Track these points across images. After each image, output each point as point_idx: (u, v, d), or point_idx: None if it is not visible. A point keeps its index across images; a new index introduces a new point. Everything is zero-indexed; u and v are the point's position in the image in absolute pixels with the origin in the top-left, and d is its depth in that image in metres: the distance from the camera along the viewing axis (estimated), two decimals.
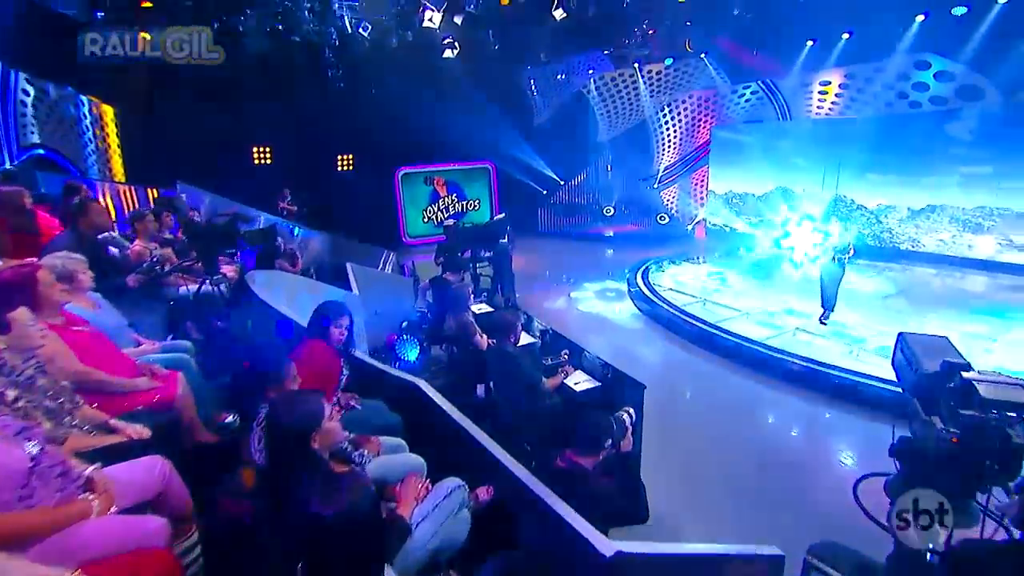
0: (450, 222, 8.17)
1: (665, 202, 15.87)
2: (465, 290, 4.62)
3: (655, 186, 15.64)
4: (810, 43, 11.57)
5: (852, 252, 6.95)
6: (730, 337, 6.86)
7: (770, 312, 7.96)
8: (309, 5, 11.21)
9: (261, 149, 12.89)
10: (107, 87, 9.28)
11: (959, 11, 9.57)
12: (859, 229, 10.61)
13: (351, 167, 14.43)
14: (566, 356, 4.15)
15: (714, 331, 7.12)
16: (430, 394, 2.98)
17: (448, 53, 12.89)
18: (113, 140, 9.71)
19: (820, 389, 5.66)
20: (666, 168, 15.56)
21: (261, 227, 5.99)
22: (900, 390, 5.06)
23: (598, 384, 3.75)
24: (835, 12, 10.66)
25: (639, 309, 8.61)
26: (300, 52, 11.73)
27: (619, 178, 16.09)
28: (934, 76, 10.50)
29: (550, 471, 2.23)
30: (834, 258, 6.95)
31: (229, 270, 4.87)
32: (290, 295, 4.64)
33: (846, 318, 7.48)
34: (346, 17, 11.69)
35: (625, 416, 2.60)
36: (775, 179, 13.73)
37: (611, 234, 15.56)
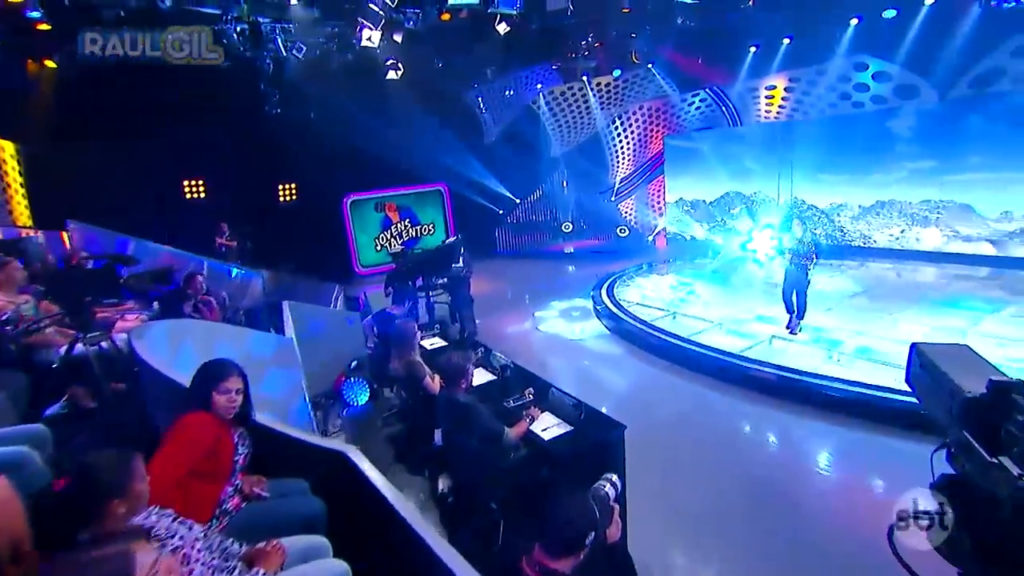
0: (399, 248, 7.48)
1: (624, 214, 15.69)
2: (411, 326, 4.02)
3: (612, 199, 15.45)
4: (753, 49, 11.66)
5: (816, 259, 6.68)
6: (705, 351, 6.45)
7: (740, 319, 7.65)
8: (239, 28, 10.54)
9: (193, 182, 11.95)
10: (4, 120, 8.31)
11: (889, 14, 9.80)
12: (813, 231, 10.60)
13: (294, 197, 13.63)
14: (531, 395, 3.58)
15: (688, 346, 6.71)
16: (362, 467, 2.34)
17: (392, 75, 12.39)
18: (14, 180, 8.68)
19: (809, 402, 5.27)
20: (622, 180, 15.41)
21: (153, 268, 5.17)
22: (900, 398, 4.80)
23: (570, 429, 3.19)
24: (775, 19, 10.76)
25: (607, 327, 8.16)
26: (231, 77, 10.99)
27: (576, 193, 15.85)
28: (872, 77, 10.71)
29: None
30: (793, 262, 6.64)
31: (130, 321, 4.10)
32: (205, 348, 3.91)
33: (818, 320, 7.25)
34: (279, 39, 11.06)
35: (608, 489, 2.04)
36: (730, 184, 13.75)
37: (571, 250, 15.24)
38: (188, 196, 11.92)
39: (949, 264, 10.57)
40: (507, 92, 13.94)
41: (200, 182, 12.03)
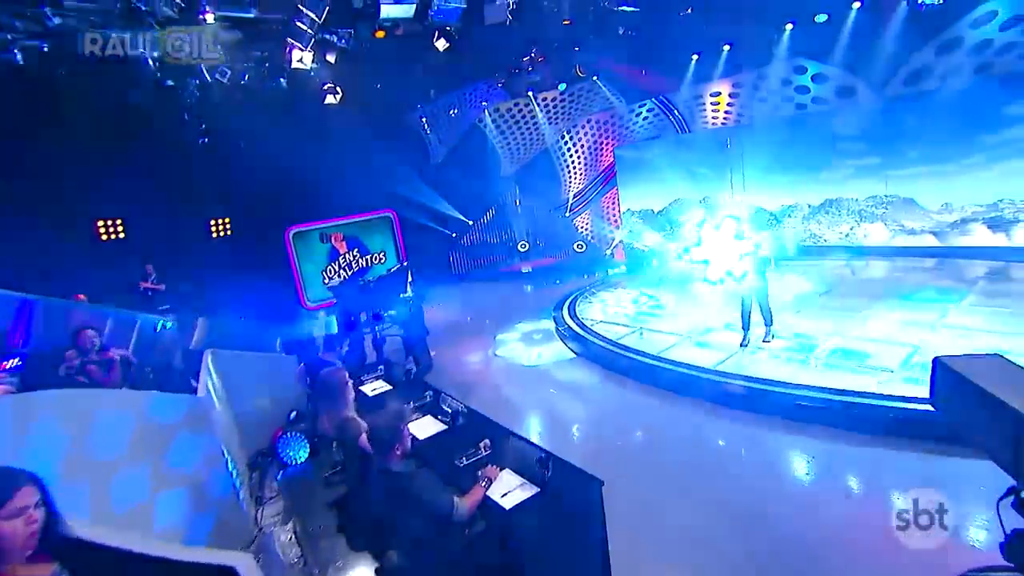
0: (335, 281, 6.70)
1: (580, 229, 15.41)
2: (338, 376, 3.35)
3: (567, 215, 15.16)
4: (695, 57, 11.68)
5: (771, 261, 6.39)
6: (680, 368, 6.02)
7: (709, 328, 7.30)
8: (156, 54, 9.75)
9: (109, 223, 10.86)
10: None
11: (820, 18, 9.99)
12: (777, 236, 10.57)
13: (229, 232, 12.67)
14: (487, 449, 2.99)
15: (659, 364, 6.27)
16: None
17: (330, 100, 11.79)
18: None
19: (789, 414, 4.87)
20: (575, 195, 15.17)
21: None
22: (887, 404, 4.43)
23: (536, 491, 2.61)
24: (714, 26, 10.80)
25: (571, 350, 7.66)
26: (151, 106, 10.13)
27: (530, 211, 15.50)
28: (812, 79, 10.85)
29: None
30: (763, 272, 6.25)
31: None
32: (77, 424, 3.15)
33: (790, 323, 6.99)
34: (203, 65, 10.30)
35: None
36: (684, 191, 13.69)
37: (529, 270, 14.81)
38: (104, 238, 10.82)
39: (898, 257, 10.70)
40: (451, 111, 13.54)
41: (118, 221, 10.95)
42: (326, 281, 13.90)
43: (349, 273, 14.22)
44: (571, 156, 14.69)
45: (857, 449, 4.28)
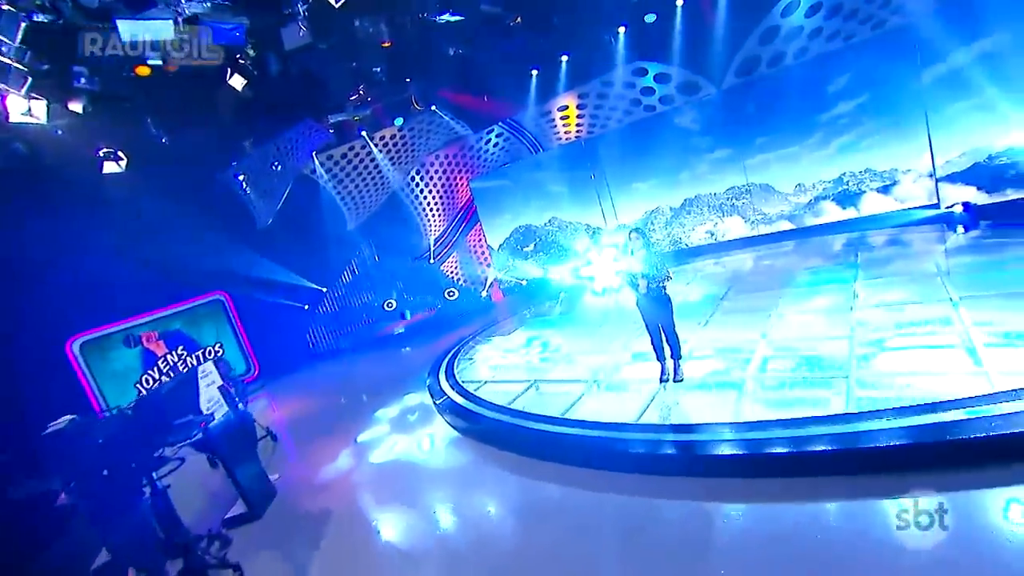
0: (61, 422, 4.12)
1: (449, 275, 13.82)
2: None
3: (432, 261, 13.50)
4: (535, 73, 10.91)
5: (670, 276, 5.03)
6: (595, 432, 4.46)
7: (616, 365, 5.95)
8: None
9: None
10: None
11: (650, 18, 9.71)
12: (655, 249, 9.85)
13: None
14: None
15: (568, 429, 4.67)
16: None
17: (112, 167, 9.19)
18: None
19: (783, 471, 3.49)
20: (437, 239, 13.60)
21: None
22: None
23: None
24: (547, 38, 10.10)
25: (455, 427, 5.80)
26: None
27: (391, 265, 13.63)
28: (654, 79, 10.55)
29: None
30: (648, 292, 4.85)
31: None
32: None
33: (707, 338, 5.88)
34: None
35: None
36: (548, 213, 12.78)
37: (402, 330, 12.85)
38: None
39: (760, 246, 10.67)
40: (273, 165, 11.38)
41: None
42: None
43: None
44: (425, 198, 13.18)
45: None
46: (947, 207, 8.37)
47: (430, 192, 13.11)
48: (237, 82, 8.16)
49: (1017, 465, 2.83)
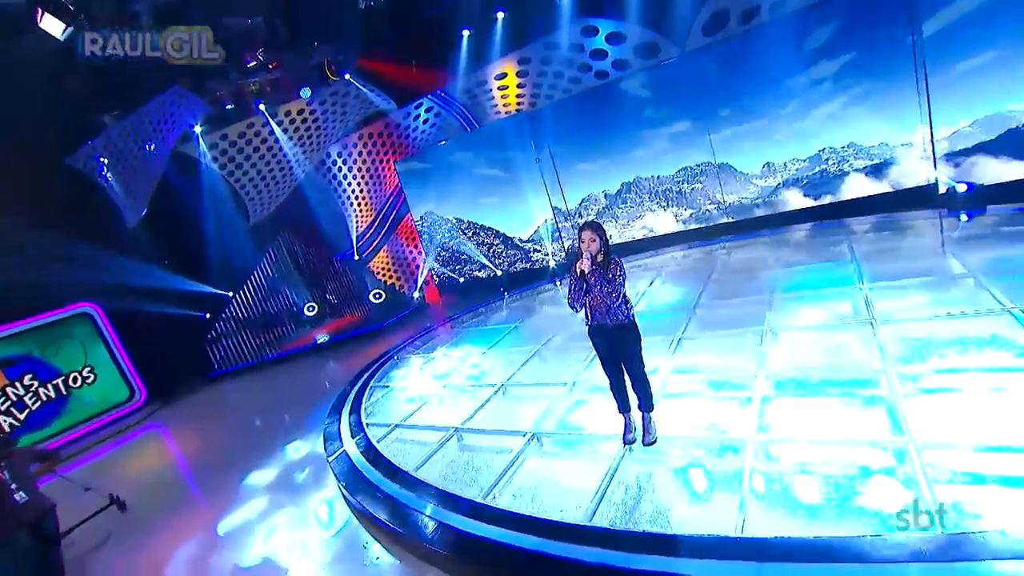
0: None
1: (378, 274, 11.96)
2: None
3: (358, 258, 11.59)
4: (467, 34, 9.14)
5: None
6: (523, 538, 2.88)
7: (576, 402, 4.40)
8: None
9: None
10: None
11: None
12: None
13: None
14: None
15: (484, 527, 3.07)
16: None
17: None
18: None
19: None
20: (364, 232, 11.70)
21: None
22: None
23: None
24: None
25: (352, 506, 4.09)
26: None
27: (310, 263, 11.67)
28: (606, 40, 8.96)
29: None
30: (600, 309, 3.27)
31: None
32: None
33: (689, 363, 4.41)
34: None
35: None
36: (488, 199, 11.04)
37: (325, 338, 10.97)
38: None
39: (723, 242, 9.33)
40: (145, 146, 9.15)
41: None
42: None
43: (22, 416, 8.98)
44: (348, 184, 11.23)
45: None
46: (946, 188, 7.18)
47: (354, 177, 11.17)
48: (52, 26, 6.01)
49: None
